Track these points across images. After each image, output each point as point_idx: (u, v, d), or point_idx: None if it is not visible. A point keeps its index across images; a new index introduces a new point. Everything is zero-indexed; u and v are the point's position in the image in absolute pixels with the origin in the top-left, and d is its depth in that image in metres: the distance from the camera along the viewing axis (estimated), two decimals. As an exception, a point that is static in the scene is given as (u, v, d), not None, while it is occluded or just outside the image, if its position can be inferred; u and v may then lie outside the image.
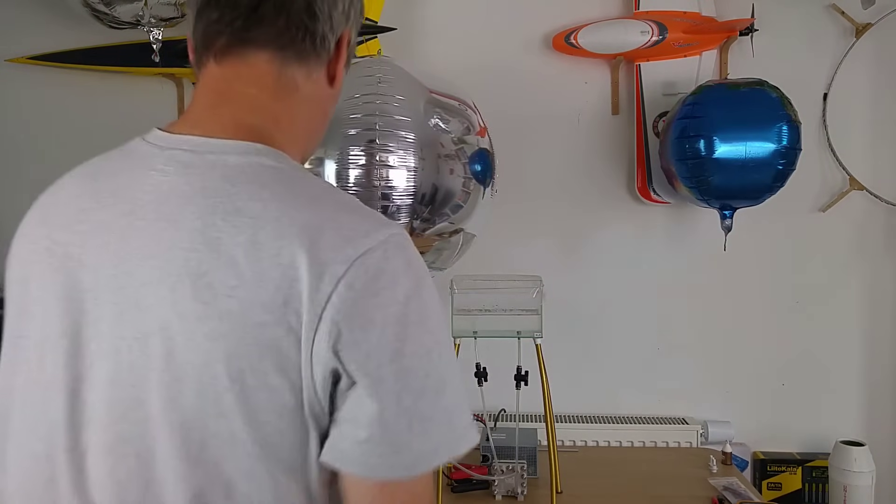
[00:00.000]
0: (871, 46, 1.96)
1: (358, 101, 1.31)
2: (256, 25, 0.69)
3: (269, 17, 0.68)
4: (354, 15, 0.76)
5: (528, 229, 2.07)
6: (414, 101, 1.36)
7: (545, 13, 2.02)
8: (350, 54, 0.78)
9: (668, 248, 2.05)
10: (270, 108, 0.70)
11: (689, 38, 1.91)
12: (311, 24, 0.70)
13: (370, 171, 1.29)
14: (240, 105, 0.69)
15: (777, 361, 2.05)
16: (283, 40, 0.70)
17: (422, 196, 1.33)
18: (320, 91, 0.75)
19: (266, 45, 0.69)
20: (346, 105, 1.31)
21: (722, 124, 1.67)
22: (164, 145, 0.68)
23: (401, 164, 1.31)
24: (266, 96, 0.70)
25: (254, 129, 0.68)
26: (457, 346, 1.56)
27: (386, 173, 1.30)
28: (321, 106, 0.76)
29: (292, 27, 0.69)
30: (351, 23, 0.76)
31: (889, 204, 1.97)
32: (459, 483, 1.66)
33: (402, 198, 1.31)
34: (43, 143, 2.15)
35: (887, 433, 2.03)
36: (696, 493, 1.67)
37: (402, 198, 1.31)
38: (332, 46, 0.73)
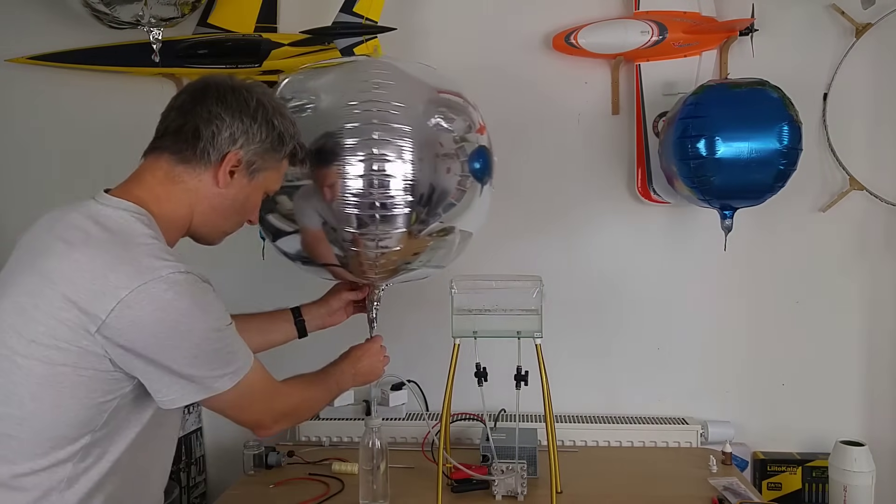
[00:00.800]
0: (871, 46, 1.96)
1: (355, 108, 1.30)
2: (162, 139, 1.13)
3: (170, 133, 1.12)
4: (247, 141, 1.13)
5: (527, 229, 2.07)
6: (413, 104, 1.35)
7: (545, 13, 2.02)
8: (255, 174, 1.16)
9: (668, 248, 2.05)
10: (155, 189, 1.11)
11: (689, 38, 1.91)
12: (194, 142, 1.11)
13: (370, 182, 1.29)
14: (139, 184, 1.11)
15: (777, 361, 2.05)
16: (176, 148, 1.11)
17: (419, 197, 1.33)
18: (205, 188, 1.13)
19: (165, 150, 1.12)
20: (343, 113, 1.30)
21: (724, 124, 1.67)
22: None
23: (399, 173, 1.29)
24: (155, 182, 1.11)
25: (138, 198, 1.08)
26: (456, 346, 1.56)
27: (385, 182, 1.29)
28: (207, 199, 1.14)
29: (181, 141, 1.11)
30: (241, 145, 1.13)
31: (889, 204, 1.97)
32: (459, 483, 1.66)
33: (401, 207, 1.31)
34: (43, 143, 2.15)
35: (887, 433, 2.03)
36: (696, 493, 1.67)
37: (400, 206, 1.31)
38: (213, 158, 1.11)
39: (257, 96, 1.15)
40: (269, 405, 1.17)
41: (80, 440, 1.01)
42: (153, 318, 0.98)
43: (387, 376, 1.83)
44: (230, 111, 1.12)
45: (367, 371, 1.46)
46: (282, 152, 1.18)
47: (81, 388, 0.99)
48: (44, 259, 1.02)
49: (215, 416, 2.20)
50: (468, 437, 1.99)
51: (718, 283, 2.04)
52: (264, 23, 2.06)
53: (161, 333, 0.99)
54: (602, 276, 2.06)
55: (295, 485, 1.74)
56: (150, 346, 0.99)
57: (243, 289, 2.04)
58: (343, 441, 2.00)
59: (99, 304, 0.96)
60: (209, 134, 1.10)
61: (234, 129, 1.12)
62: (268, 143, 1.15)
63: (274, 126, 1.15)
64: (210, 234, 1.19)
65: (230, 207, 1.17)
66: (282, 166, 1.21)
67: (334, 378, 1.38)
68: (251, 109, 1.13)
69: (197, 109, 1.11)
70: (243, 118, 1.12)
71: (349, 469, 1.78)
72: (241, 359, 1.10)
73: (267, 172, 1.18)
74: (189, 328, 1.01)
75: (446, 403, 1.58)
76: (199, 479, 2.07)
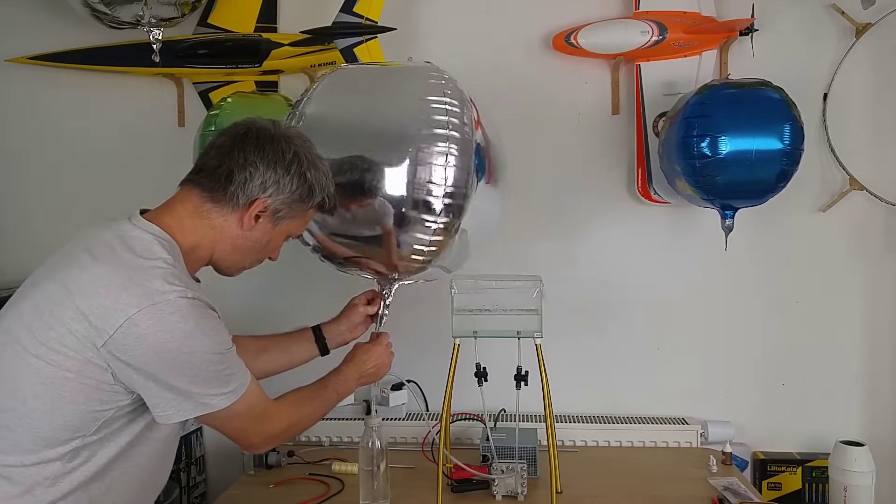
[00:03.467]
0: (871, 46, 1.96)
1: (432, 115, 1.35)
2: (198, 175, 1.18)
3: (206, 171, 1.17)
4: (277, 191, 1.17)
5: (528, 229, 2.07)
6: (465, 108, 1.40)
7: (545, 13, 2.02)
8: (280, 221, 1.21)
9: (668, 248, 2.05)
10: (183, 220, 1.16)
11: (689, 38, 1.91)
12: (226, 184, 1.15)
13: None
14: (170, 212, 1.17)
15: (777, 361, 2.05)
16: (208, 186, 1.17)
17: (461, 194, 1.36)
18: (230, 228, 1.18)
19: (196, 186, 1.18)
20: (421, 122, 1.34)
21: (730, 124, 1.67)
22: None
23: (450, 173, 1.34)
24: (184, 214, 1.17)
25: (167, 226, 1.14)
26: (457, 346, 1.56)
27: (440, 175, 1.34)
28: (230, 238, 1.19)
29: (214, 180, 1.16)
30: (270, 194, 1.17)
31: (889, 204, 1.97)
32: (459, 483, 1.66)
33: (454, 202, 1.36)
34: (43, 143, 2.15)
35: (887, 433, 2.03)
36: (696, 493, 1.67)
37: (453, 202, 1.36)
38: (241, 202, 1.16)
39: (295, 148, 1.19)
40: (261, 427, 1.21)
41: (70, 442, 1.06)
42: (157, 337, 1.03)
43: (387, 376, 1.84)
44: (265, 160, 1.16)
45: (373, 373, 1.47)
46: (310, 203, 1.22)
47: (81, 395, 1.04)
48: (68, 269, 1.07)
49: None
50: (468, 437, 1.99)
51: (719, 283, 2.04)
52: (264, 23, 2.06)
53: (164, 352, 1.04)
54: (602, 276, 2.06)
55: (295, 485, 1.74)
56: (152, 363, 1.04)
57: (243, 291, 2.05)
58: (343, 441, 2.00)
59: (108, 320, 1.02)
60: (242, 179, 1.15)
61: (267, 178, 1.16)
62: (297, 195, 1.19)
63: (306, 179, 1.19)
64: (229, 268, 1.24)
65: (251, 248, 1.22)
66: (308, 215, 1.26)
67: (334, 387, 1.38)
68: (286, 161, 1.17)
69: (234, 154, 1.16)
70: (277, 168, 1.17)
71: (349, 469, 1.78)
72: (239, 380, 1.14)
73: (292, 220, 1.23)
74: (191, 349, 1.05)
75: (446, 403, 1.58)
76: (199, 479, 2.07)
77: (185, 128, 2.10)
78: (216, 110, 1.84)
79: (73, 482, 1.07)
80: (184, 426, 1.23)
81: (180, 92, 2.11)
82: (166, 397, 1.07)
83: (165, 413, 1.08)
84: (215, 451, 2.13)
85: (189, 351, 1.05)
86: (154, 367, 1.04)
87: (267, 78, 2.08)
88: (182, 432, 1.94)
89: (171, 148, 2.00)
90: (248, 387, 1.16)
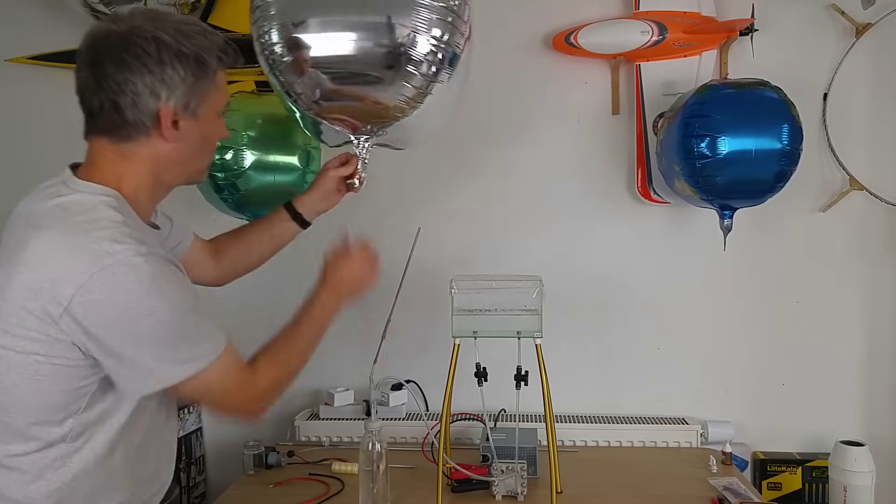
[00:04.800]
0: (871, 46, 1.96)
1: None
2: (93, 122, 1.09)
3: (93, 115, 1.07)
4: (169, 89, 1.05)
5: (528, 229, 2.07)
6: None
7: (545, 13, 2.02)
8: (198, 109, 1.09)
9: (668, 248, 2.05)
10: (113, 170, 1.07)
11: (689, 38, 1.91)
12: (120, 117, 1.05)
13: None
14: (97, 168, 1.09)
15: (777, 361, 2.05)
16: (109, 129, 1.07)
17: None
18: (159, 150, 1.08)
19: (100, 134, 1.08)
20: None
21: (729, 124, 1.67)
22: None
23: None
24: (110, 164, 1.08)
25: (103, 181, 1.06)
26: (457, 346, 1.56)
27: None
28: (167, 157, 1.09)
29: (107, 121, 1.06)
30: (167, 97, 1.05)
31: (889, 204, 1.97)
32: (459, 483, 1.66)
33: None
34: (43, 143, 2.15)
35: (887, 433, 2.03)
36: (696, 493, 1.67)
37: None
38: (147, 122, 1.05)
39: (151, 35, 1.03)
40: (245, 395, 1.13)
41: (65, 423, 1.02)
42: (114, 301, 0.96)
43: (387, 377, 1.84)
44: (135, 70, 1.03)
45: (356, 288, 1.33)
46: (208, 73, 1.09)
47: (58, 376, 1.00)
48: (13, 249, 1.02)
49: (215, 417, 2.20)
50: (468, 437, 1.99)
51: (719, 282, 2.04)
52: (264, 23, 2.05)
53: (123, 317, 0.97)
54: (602, 276, 2.06)
55: (295, 485, 1.74)
56: (113, 331, 0.98)
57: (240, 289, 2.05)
58: (343, 441, 2.00)
59: (61, 291, 0.96)
60: (129, 103, 1.04)
61: (150, 85, 1.04)
62: (191, 77, 1.06)
63: (186, 57, 1.05)
64: (191, 177, 1.17)
65: (194, 149, 1.13)
66: (218, 80, 1.12)
67: (311, 322, 1.26)
68: (153, 56, 1.03)
69: (103, 84, 1.04)
70: (151, 69, 1.03)
71: (349, 469, 1.78)
72: (210, 343, 1.06)
73: (209, 98, 1.10)
74: (151, 310, 0.98)
75: (446, 403, 1.58)
76: (199, 479, 2.07)
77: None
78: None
79: (83, 460, 1.04)
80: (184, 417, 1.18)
81: (180, 92, 2.11)
82: (130, 370, 1.00)
83: (132, 388, 1.02)
84: (215, 451, 2.13)
85: (148, 312, 0.98)
86: (116, 336, 0.98)
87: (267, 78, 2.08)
88: (181, 432, 1.96)
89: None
90: (223, 352, 1.06)
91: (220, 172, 1.77)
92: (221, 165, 1.76)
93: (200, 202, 1.89)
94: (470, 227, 2.09)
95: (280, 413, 2.13)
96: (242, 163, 1.76)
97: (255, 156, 1.78)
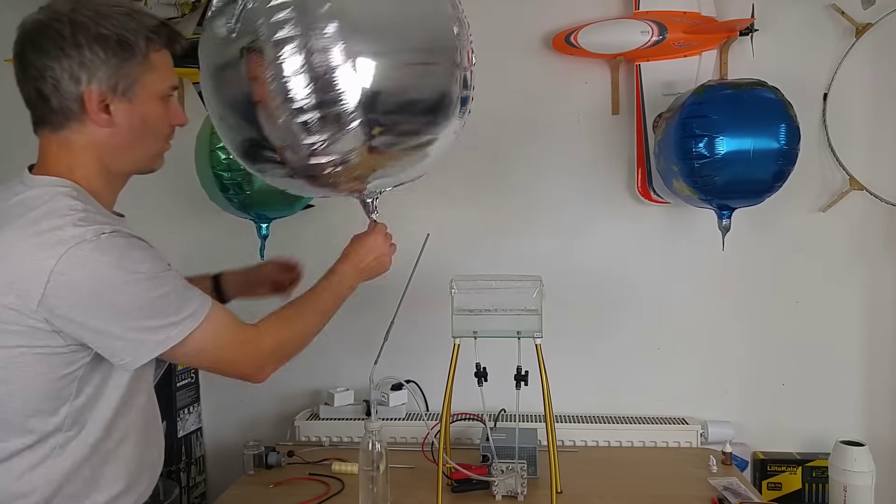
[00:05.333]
0: (871, 46, 1.96)
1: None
2: (33, 115, 1.09)
3: (30, 106, 1.08)
4: (89, 72, 1.03)
5: (528, 229, 2.07)
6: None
7: (545, 13, 2.02)
8: (129, 91, 1.06)
9: (668, 247, 2.05)
10: (60, 162, 1.07)
11: (689, 38, 1.91)
12: (46, 105, 1.05)
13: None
14: (47, 162, 1.09)
15: (777, 361, 2.05)
16: (44, 119, 1.07)
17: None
18: (96, 136, 1.07)
19: (41, 126, 1.09)
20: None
21: (727, 124, 1.67)
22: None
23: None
24: (55, 155, 1.08)
25: (56, 173, 1.06)
26: (457, 346, 1.56)
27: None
28: (106, 143, 1.07)
29: (39, 110, 1.07)
30: (87, 80, 1.03)
31: (889, 204, 1.97)
32: (459, 483, 1.66)
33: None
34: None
35: (887, 433, 2.03)
36: (696, 493, 1.67)
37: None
38: (74, 108, 1.04)
39: (68, 18, 1.02)
40: (243, 351, 1.12)
41: (59, 411, 1.03)
42: (87, 279, 0.97)
43: (387, 377, 1.84)
44: (51, 55, 1.02)
45: (374, 266, 1.34)
46: (136, 53, 1.05)
47: (43, 365, 1.01)
48: None
49: (215, 416, 2.21)
50: (468, 437, 1.99)
51: (718, 282, 2.04)
52: (264, 23, 2.05)
53: (99, 293, 0.98)
54: (602, 275, 2.06)
55: (295, 485, 1.74)
56: (93, 310, 0.98)
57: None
58: (343, 441, 2.00)
59: (34, 280, 0.96)
60: (51, 89, 1.03)
61: (69, 69, 1.02)
62: (113, 59, 1.04)
63: (106, 38, 1.03)
64: (139, 164, 1.14)
65: (134, 134, 1.09)
66: (153, 63, 1.08)
67: (329, 291, 1.26)
68: (69, 38, 1.02)
69: (28, 73, 1.04)
70: (69, 53, 1.02)
71: (349, 469, 1.78)
72: (193, 305, 1.05)
73: (142, 81, 1.07)
74: (125, 280, 0.99)
75: (446, 403, 1.58)
76: (199, 479, 2.07)
77: (185, 127, 2.08)
78: None
79: (82, 446, 1.05)
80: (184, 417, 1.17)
81: (180, 92, 2.10)
82: (119, 345, 1.01)
83: (125, 360, 1.02)
84: (215, 451, 2.13)
85: (123, 281, 0.98)
86: (97, 314, 0.98)
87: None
88: (182, 432, 1.96)
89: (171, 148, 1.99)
90: (211, 310, 1.07)
91: (225, 172, 1.76)
92: (227, 165, 1.75)
93: (204, 201, 1.89)
94: (470, 226, 2.09)
95: (280, 413, 2.14)
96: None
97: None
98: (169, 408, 1.88)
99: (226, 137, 1.27)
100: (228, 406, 2.14)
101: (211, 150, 1.77)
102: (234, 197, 1.79)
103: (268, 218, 1.91)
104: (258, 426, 2.14)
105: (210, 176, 1.79)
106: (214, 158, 1.77)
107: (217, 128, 1.29)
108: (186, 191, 1.99)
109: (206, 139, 1.79)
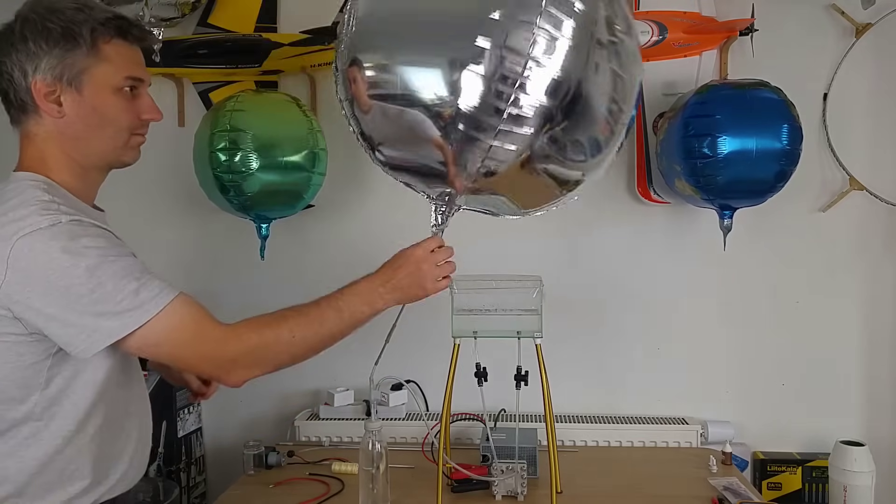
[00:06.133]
0: (871, 46, 1.96)
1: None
2: (8, 114, 1.11)
3: (7, 110, 1.10)
4: (35, 64, 1.06)
5: (528, 229, 2.06)
6: None
7: (545, 13, 2.02)
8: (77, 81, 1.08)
9: (668, 248, 2.05)
10: (31, 156, 1.10)
11: (689, 38, 1.91)
12: (7, 101, 1.09)
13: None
14: (23, 158, 1.12)
15: (777, 361, 2.05)
16: (13, 117, 1.11)
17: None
18: (51, 127, 1.09)
19: (13, 123, 1.12)
20: None
21: (730, 123, 1.68)
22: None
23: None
24: (25, 151, 1.11)
25: (30, 168, 1.10)
26: (457, 346, 1.56)
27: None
28: (62, 134, 1.09)
29: (7, 108, 1.10)
30: (33, 70, 1.06)
31: (889, 204, 1.97)
32: (459, 483, 1.66)
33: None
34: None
35: (887, 433, 2.03)
36: (696, 493, 1.67)
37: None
38: (26, 101, 1.08)
39: (22, 16, 1.07)
40: (203, 351, 1.08)
41: (27, 400, 1.04)
42: (36, 266, 0.98)
43: (387, 377, 1.83)
44: (3, 52, 1.07)
45: (406, 286, 1.21)
46: (82, 44, 1.07)
47: (10, 353, 1.02)
48: None
49: (215, 416, 2.21)
50: (468, 437, 1.99)
51: (719, 282, 2.04)
52: (264, 23, 2.06)
53: (49, 279, 0.98)
54: (602, 275, 2.06)
55: (295, 485, 1.74)
56: (46, 297, 0.99)
57: (243, 290, 2.05)
58: (343, 441, 2.00)
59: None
60: (6, 84, 1.08)
61: (17, 62, 1.06)
62: (55, 49, 1.06)
63: (49, 30, 1.05)
64: (107, 158, 1.14)
65: (88, 125, 1.10)
66: (105, 54, 1.09)
67: (336, 303, 1.17)
68: (17, 33, 1.06)
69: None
70: (17, 47, 1.06)
71: (349, 469, 1.78)
72: (152, 292, 1.03)
73: (90, 72, 1.08)
74: (74, 264, 0.99)
75: (446, 403, 1.58)
76: (199, 479, 2.07)
77: (185, 128, 2.09)
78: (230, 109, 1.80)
79: (55, 436, 1.05)
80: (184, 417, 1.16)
81: (180, 92, 2.11)
82: (73, 329, 1.00)
83: (79, 348, 1.01)
84: (215, 451, 2.13)
85: (71, 264, 0.98)
86: (50, 300, 0.98)
87: (267, 78, 2.08)
88: (182, 432, 1.96)
89: (170, 148, 2.00)
90: (174, 301, 1.03)
91: (225, 174, 1.76)
92: (228, 166, 1.75)
93: (204, 202, 1.89)
94: (470, 226, 2.08)
95: (280, 413, 2.14)
96: (248, 164, 1.76)
97: (261, 157, 1.77)
98: (169, 408, 1.87)
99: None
100: (228, 406, 2.14)
101: (211, 152, 1.77)
102: (234, 198, 1.79)
103: (268, 218, 1.90)
104: (258, 426, 2.14)
105: (210, 177, 1.79)
106: (214, 159, 1.76)
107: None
108: (186, 191, 1.99)
109: (206, 140, 1.79)
